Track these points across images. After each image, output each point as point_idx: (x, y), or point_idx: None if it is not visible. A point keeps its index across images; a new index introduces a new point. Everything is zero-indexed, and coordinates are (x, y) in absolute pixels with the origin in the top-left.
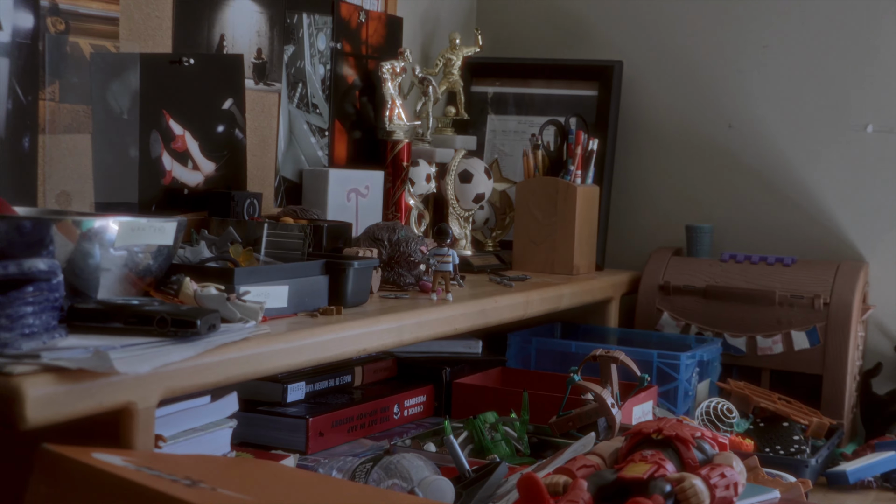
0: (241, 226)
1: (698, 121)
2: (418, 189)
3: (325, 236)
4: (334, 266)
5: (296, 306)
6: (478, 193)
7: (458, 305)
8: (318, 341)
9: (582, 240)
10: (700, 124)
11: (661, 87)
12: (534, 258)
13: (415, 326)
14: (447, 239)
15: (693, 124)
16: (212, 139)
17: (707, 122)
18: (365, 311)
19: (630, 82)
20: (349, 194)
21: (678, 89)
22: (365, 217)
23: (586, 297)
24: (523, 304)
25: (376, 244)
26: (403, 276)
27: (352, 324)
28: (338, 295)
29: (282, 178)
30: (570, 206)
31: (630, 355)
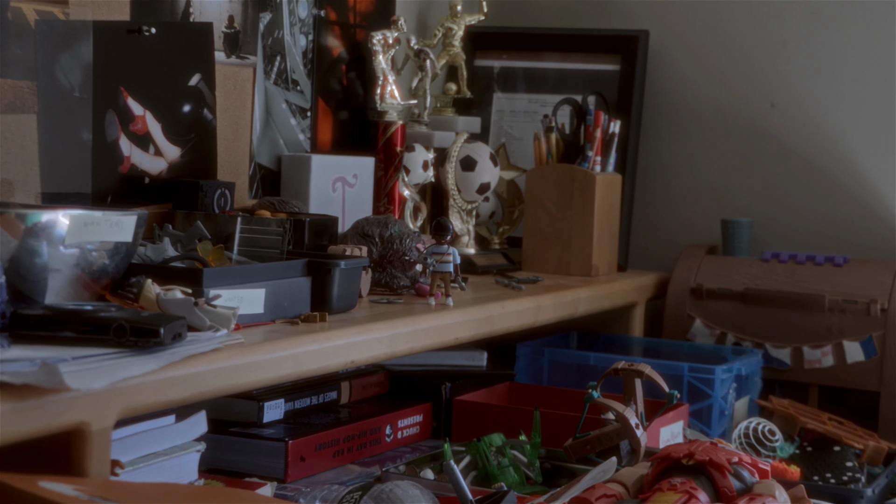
0: (210, 220)
1: (736, 99)
2: (414, 178)
3: (307, 232)
4: (318, 266)
5: (273, 312)
6: (482, 183)
7: (460, 312)
8: (300, 352)
9: (602, 236)
10: (738, 103)
11: (692, 61)
12: (547, 257)
13: (410, 335)
14: (447, 235)
15: (730, 103)
16: (177, 120)
17: (746, 101)
18: (353, 318)
19: (657, 55)
20: (335, 184)
21: (712, 63)
22: (353, 210)
23: (607, 301)
24: (534, 310)
25: (366, 241)
26: (397, 277)
27: (338, 332)
28: (322, 299)
29: (257, 165)
30: (588, 197)
31: (657, 368)
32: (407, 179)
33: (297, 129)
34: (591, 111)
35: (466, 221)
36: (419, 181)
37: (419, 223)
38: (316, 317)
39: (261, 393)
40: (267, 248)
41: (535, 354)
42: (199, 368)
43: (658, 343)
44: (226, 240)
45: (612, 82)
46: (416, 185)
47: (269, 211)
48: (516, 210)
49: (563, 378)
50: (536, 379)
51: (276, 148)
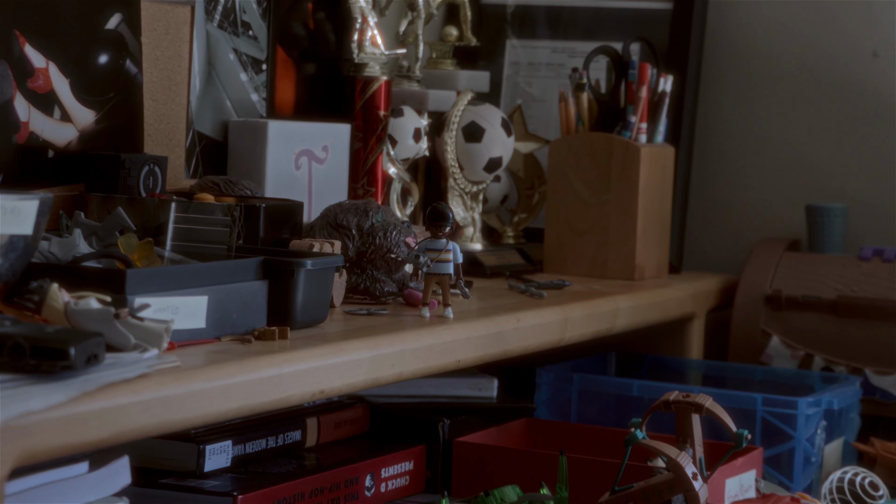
0: (135, 206)
1: (826, 48)
2: (403, 151)
3: (262, 222)
4: (277, 267)
5: (219, 327)
6: (491, 158)
7: (463, 326)
8: (252, 380)
9: (648, 227)
10: (829, 53)
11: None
12: (576, 255)
13: (397, 357)
14: (446, 226)
15: (818, 53)
16: (90, 75)
17: (839, 50)
18: (323, 335)
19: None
20: (299, 159)
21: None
22: (323, 193)
23: (655, 313)
24: (560, 325)
25: (340, 234)
26: (380, 281)
27: (302, 353)
28: (282, 310)
29: (197, 134)
30: (630, 176)
31: (721, 400)
32: (393, 153)
33: (248, 86)
34: (634, 63)
35: (471, 208)
36: (409, 155)
37: (409, 210)
38: (274, 333)
39: (202, 433)
40: (210, 243)
41: (560, 382)
42: (120, 400)
43: (722, 367)
44: (156, 232)
45: (661, 25)
46: (404, 160)
47: (212, 194)
48: (536, 193)
49: (597, 413)
50: (562, 414)
51: (221, 112)
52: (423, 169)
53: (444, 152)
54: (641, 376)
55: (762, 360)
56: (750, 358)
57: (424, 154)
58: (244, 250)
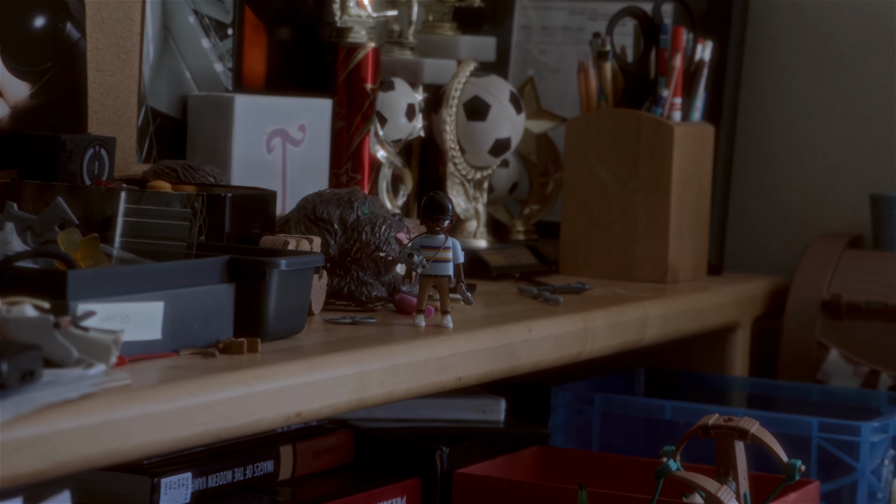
0: (78, 195)
1: (894, 8)
2: (394, 131)
3: (228, 214)
4: (245, 267)
5: (177, 338)
6: (498, 139)
7: (464, 337)
8: (217, 400)
9: (684, 221)
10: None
11: None
12: (598, 254)
13: (387, 374)
14: (445, 220)
15: (884, 14)
16: (24, 41)
17: None
18: (299, 348)
19: None
20: (271, 140)
21: None
22: (299, 181)
23: (691, 322)
24: (579, 336)
25: (320, 229)
26: (367, 284)
27: (276, 369)
28: (252, 318)
29: (151, 110)
30: (662, 160)
31: (769, 425)
32: (383, 133)
33: (211, 54)
34: (666, 27)
35: (474, 198)
36: (401, 136)
37: (401, 201)
38: (243, 345)
39: (157, 464)
40: (166, 240)
41: (579, 403)
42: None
43: (771, 386)
44: (102, 226)
45: None
46: (396, 141)
47: (168, 182)
48: (551, 181)
49: (623, 440)
50: (582, 441)
51: (179, 84)
52: (417, 152)
53: (442, 132)
54: (675, 396)
55: (818, 378)
56: (804, 375)
57: (419, 135)
58: (207, 248)
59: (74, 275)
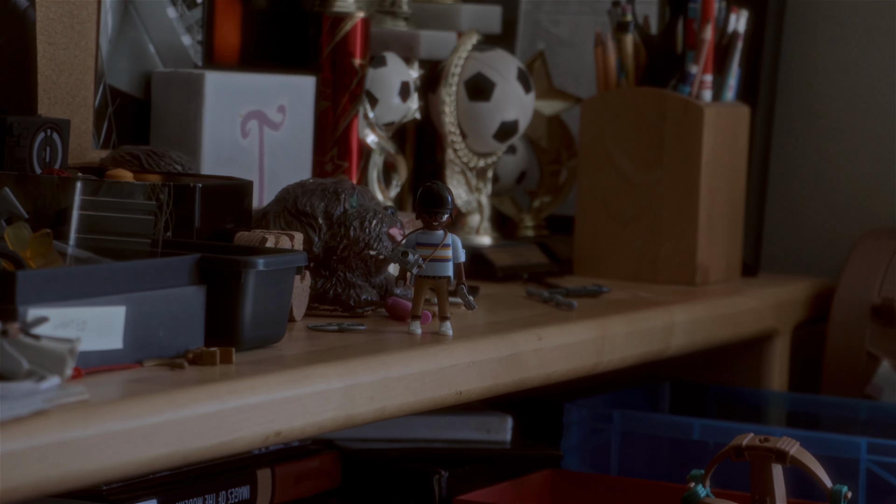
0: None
1: None
2: (386, 113)
3: (198, 207)
4: (218, 267)
5: (140, 347)
6: (504, 122)
7: (466, 346)
8: (186, 417)
9: (714, 214)
10: None
11: None
12: (617, 252)
13: (378, 388)
14: (444, 213)
15: None
16: None
17: None
18: (279, 358)
19: None
20: (247, 124)
21: None
22: (278, 169)
23: (722, 329)
24: (595, 345)
25: (302, 224)
26: (356, 287)
27: (253, 383)
28: (225, 325)
29: (110, 89)
30: (690, 146)
31: (812, 445)
32: (373, 115)
33: (178, 26)
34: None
35: (477, 189)
36: (394, 118)
37: (394, 192)
38: (215, 355)
39: (117, 489)
40: (128, 236)
41: (596, 421)
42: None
43: (814, 402)
44: (55, 221)
45: None
46: (388, 124)
47: (130, 171)
48: (564, 170)
49: (645, 462)
50: (599, 464)
51: (142, 60)
52: (412, 137)
53: (440, 114)
54: (704, 414)
55: (868, 393)
56: (851, 389)
57: (415, 117)
58: (174, 245)
59: (24, 276)
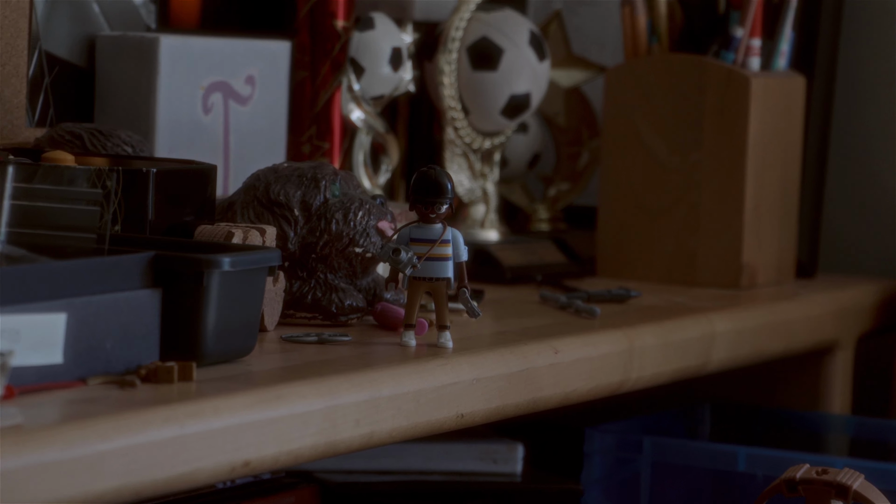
0: None
1: None
2: (374, 85)
3: (151, 197)
4: (175, 268)
5: (85, 362)
6: (514, 95)
7: (469, 361)
8: (139, 444)
9: (763, 205)
10: None
11: None
12: (648, 250)
13: (365, 410)
14: (443, 203)
15: None
16: None
17: None
18: (247, 375)
19: None
20: (209, 97)
21: None
22: (248, 151)
23: (773, 341)
24: (622, 359)
25: (275, 215)
26: (339, 290)
27: (217, 404)
28: (184, 336)
29: (46, 56)
30: (735, 123)
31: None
32: (359, 88)
33: None
34: None
35: (482, 175)
36: (384, 91)
37: (384, 178)
38: (172, 371)
39: None
40: (69, 231)
41: (623, 450)
42: None
43: (882, 427)
44: None
45: None
46: (377, 98)
47: (71, 153)
48: (585, 152)
49: (681, 498)
50: (626, 499)
51: (84, 21)
52: (405, 113)
53: (439, 87)
54: (751, 440)
55: None
56: None
57: (408, 89)
58: (123, 242)
59: None
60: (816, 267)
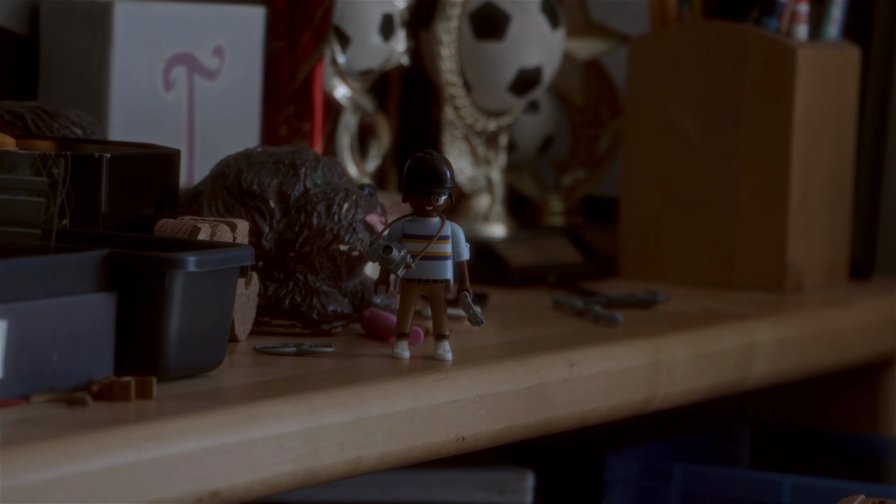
0: None
1: None
2: (362, 56)
3: (105, 186)
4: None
5: (28, 376)
6: (523, 69)
7: (470, 375)
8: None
9: (811, 197)
10: None
11: None
12: (678, 247)
13: (351, 432)
14: (441, 194)
15: None
16: None
17: None
18: (217, 392)
19: None
20: (171, 71)
21: None
22: (216, 133)
23: (823, 353)
24: (648, 373)
25: (247, 207)
26: (321, 294)
27: (181, 425)
28: (143, 346)
29: None
30: (779, 101)
31: None
32: (345, 61)
33: None
34: None
35: (486, 161)
36: (374, 64)
37: (373, 165)
38: (129, 387)
39: None
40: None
41: (649, 478)
42: None
43: None
44: None
45: None
46: (365, 73)
47: (12, 136)
48: (605, 135)
49: None
50: None
51: None
52: (397, 90)
53: (437, 59)
54: (798, 468)
55: None
56: None
57: (401, 62)
58: (73, 238)
59: None
60: (873, 267)
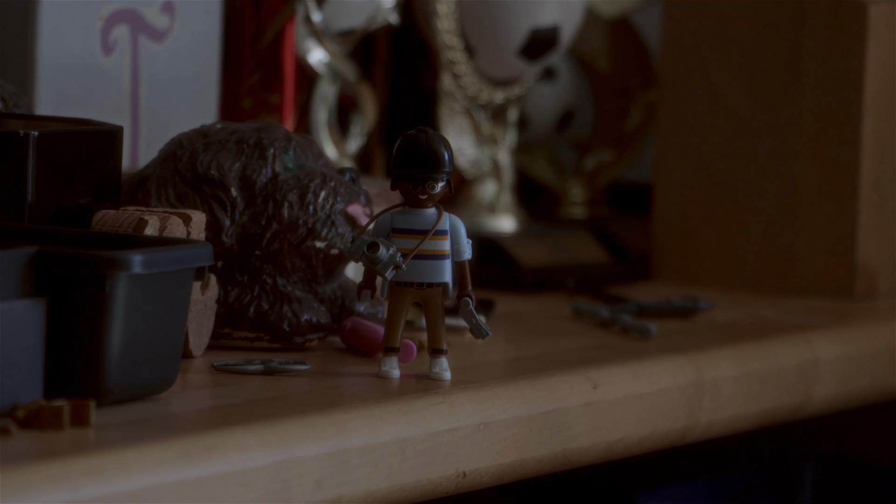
0: None
1: None
2: (340, 14)
3: (32, 170)
4: (67, 270)
5: None
6: (536, 29)
7: (474, 399)
8: None
9: (886, 185)
10: None
11: None
12: (723, 244)
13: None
14: (436, 181)
15: None
16: None
17: None
18: (168, 418)
19: None
20: (110, 31)
21: None
22: (165, 106)
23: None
24: (688, 396)
25: (204, 196)
26: (293, 300)
27: (124, 458)
28: (80, 364)
29: None
30: (846, 69)
31: None
32: (320, 19)
33: None
34: None
35: (493, 140)
36: (355, 24)
37: (355, 145)
38: (62, 414)
39: None
40: None
41: None
42: None
43: None
44: None
45: None
46: (346, 34)
47: None
48: (635, 108)
49: None
50: None
51: None
52: (385, 54)
53: (432, 17)
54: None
55: None
56: None
57: (388, 22)
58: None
59: None
60: None
